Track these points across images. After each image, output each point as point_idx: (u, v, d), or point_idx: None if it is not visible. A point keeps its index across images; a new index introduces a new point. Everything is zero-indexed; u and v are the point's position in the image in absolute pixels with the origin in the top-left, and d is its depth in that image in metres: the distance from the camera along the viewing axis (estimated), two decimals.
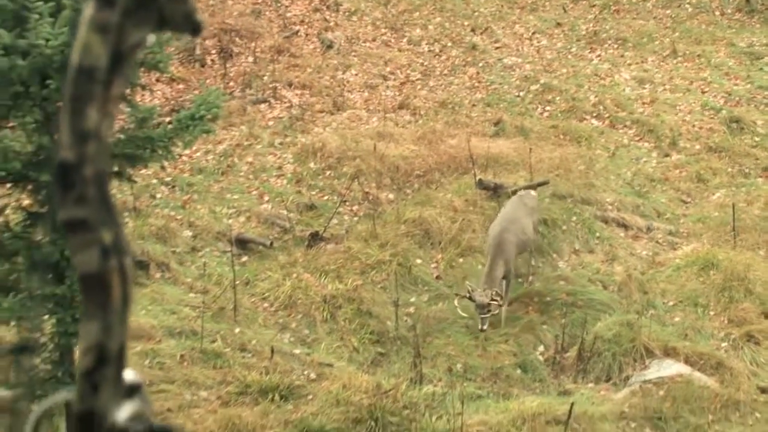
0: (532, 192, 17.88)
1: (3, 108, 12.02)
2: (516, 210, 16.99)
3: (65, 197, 1.50)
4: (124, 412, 1.72)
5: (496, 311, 16.10)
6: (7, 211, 13.63)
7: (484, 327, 15.96)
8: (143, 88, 15.81)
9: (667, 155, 22.91)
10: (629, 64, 26.43)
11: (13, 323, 13.35)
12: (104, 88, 1.63)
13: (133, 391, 1.77)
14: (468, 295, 16.25)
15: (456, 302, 16.82)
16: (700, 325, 17.33)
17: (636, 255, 19.56)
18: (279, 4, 28.23)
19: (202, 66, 25.42)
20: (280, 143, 22.93)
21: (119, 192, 18.94)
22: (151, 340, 16.96)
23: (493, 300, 15.91)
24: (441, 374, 16.21)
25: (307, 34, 27.28)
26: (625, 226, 20.42)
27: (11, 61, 12.05)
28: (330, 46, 26.85)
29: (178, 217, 20.40)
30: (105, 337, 1.60)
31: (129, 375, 1.74)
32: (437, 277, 18.86)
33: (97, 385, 1.63)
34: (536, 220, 16.92)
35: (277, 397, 15.66)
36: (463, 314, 16.37)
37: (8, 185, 13.27)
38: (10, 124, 12.80)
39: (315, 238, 19.60)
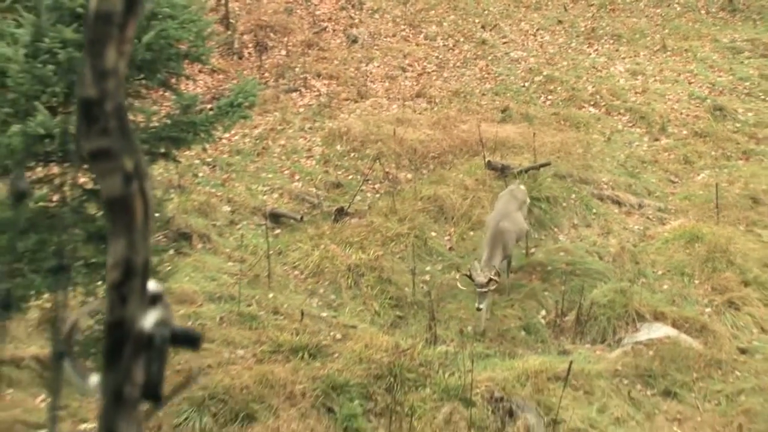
0: (522, 186, 17.78)
1: (63, 95, 11.97)
2: (508, 203, 16.92)
3: (90, 130, 1.49)
4: (149, 319, 1.75)
5: (494, 287, 16.00)
6: (65, 188, 13.60)
7: (481, 305, 15.87)
8: (187, 78, 15.79)
9: (656, 139, 22.84)
10: (623, 58, 26.34)
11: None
12: (120, 30, 1.64)
13: (155, 299, 1.79)
14: (469, 274, 16.19)
15: (458, 278, 16.75)
16: (686, 292, 17.27)
17: (629, 229, 19.51)
18: (309, 3, 28.18)
19: (240, 58, 25.38)
20: (310, 128, 22.90)
21: (165, 171, 18.90)
22: (193, 304, 16.96)
23: (491, 280, 15.81)
24: (453, 335, 16.17)
25: (334, 30, 27.23)
26: (618, 203, 20.36)
27: (68, 54, 12.03)
28: (354, 41, 26.80)
29: (218, 194, 20.38)
30: (131, 253, 1.61)
31: (151, 285, 1.76)
32: (450, 249, 18.83)
33: (125, 297, 1.65)
34: (525, 212, 16.81)
35: (306, 355, 15.64)
36: (463, 287, 16.30)
37: (66, 164, 13.24)
38: (70, 109, 12.79)
39: (340, 213, 19.58)
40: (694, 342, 15.99)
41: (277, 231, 19.27)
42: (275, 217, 19.56)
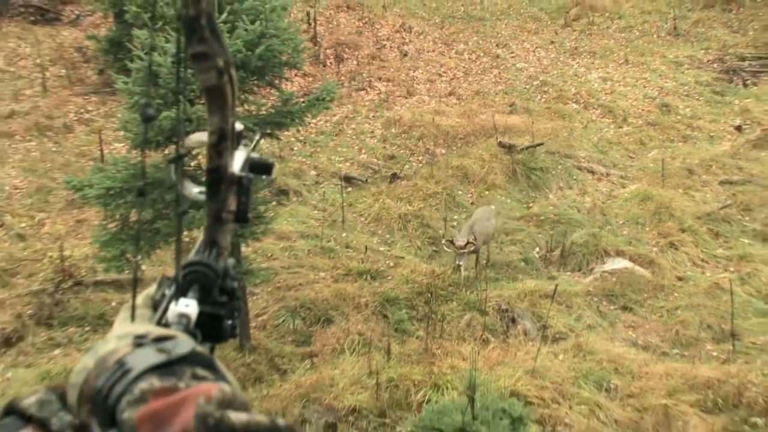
0: (492, 207, 17.52)
1: (199, 90, 12.07)
2: (483, 214, 16.61)
3: (191, 39, 1.53)
4: (237, 164, 1.79)
5: (471, 250, 15.80)
6: (199, 158, 13.65)
7: (460, 263, 15.66)
8: (286, 80, 15.85)
9: (620, 127, 22.68)
10: (597, 68, 26.15)
11: None
12: None
13: (240, 137, 1.84)
14: (451, 239, 16.06)
15: (443, 243, 16.64)
16: (639, 236, 17.18)
17: (599, 191, 19.41)
18: (373, 27, 28.06)
19: (324, 66, 25.33)
20: (372, 116, 22.87)
21: (270, 146, 18.92)
22: (289, 240, 17.03)
23: (468, 243, 15.64)
24: (473, 265, 16.16)
25: (390, 47, 27.13)
26: (592, 172, 20.25)
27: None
28: (405, 55, 26.69)
29: (307, 162, 20.41)
30: (223, 124, 1.68)
31: (238, 125, 1.80)
32: (472, 203, 18.80)
33: (220, 153, 1.71)
34: (494, 223, 16.53)
35: (368, 277, 15.68)
36: (448, 250, 16.21)
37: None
38: (203, 101, 12.84)
39: (394, 176, 19.55)
40: (644, 271, 15.92)
41: (349, 189, 19.30)
42: (347, 179, 19.58)
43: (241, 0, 13.00)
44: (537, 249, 17.33)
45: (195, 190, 1.82)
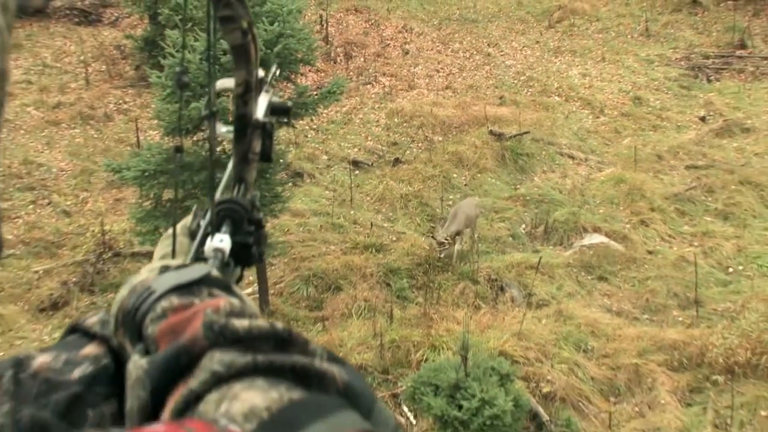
0: (476, 198, 17.30)
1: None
2: (469, 202, 16.38)
3: (218, 5, 1.53)
4: (260, 112, 1.82)
5: (448, 248, 15.61)
6: (224, 144, 13.63)
7: (441, 255, 15.51)
8: (301, 74, 15.80)
9: (597, 117, 22.58)
10: (577, 65, 26.02)
11: None
12: None
13: (261, 83, 1.86)
14: (432, 234, 15.93)
15: (427, 234, 16.42)
16: (614, 214, 17.13)
17: (578, 174, 19.34)
18: (378, 28, 27.93)
19: (334, 63, 25.22)
20: (377, 107, 22.78)
21: (287, 133, 18.87)
22: (303, 217, 17.00)
23: (445, 240, 15.44)
24: (466, 239, 16.11)
25: (394, 46, 27.01)
26: (572, 158, 20.17)
27: (228, 59, 12.09)
28: (407, 53, 26.55)
29: (320, 148, 20.34)
30: (248, 76, 1.69)
31: (260, 72, 1.79)
32: (465, 185, 18.75)
33: (246, 102, 1.74)
34: (477, 211, 16.29)
35: (373, 250, 15.65)
36: (428, 245, 16.04)
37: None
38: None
39: (396, 161, 19.50)
40: (618, 246, 15.88)
41: (356, 172, 19.24)
42: (355, 163, 19.52)
43: (261, 3, 12.99)
44: (523, 225, 17.29)
45: (223, 130, 1.83)
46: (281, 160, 14.87)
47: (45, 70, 24.00)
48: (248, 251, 1.73)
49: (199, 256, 1.65)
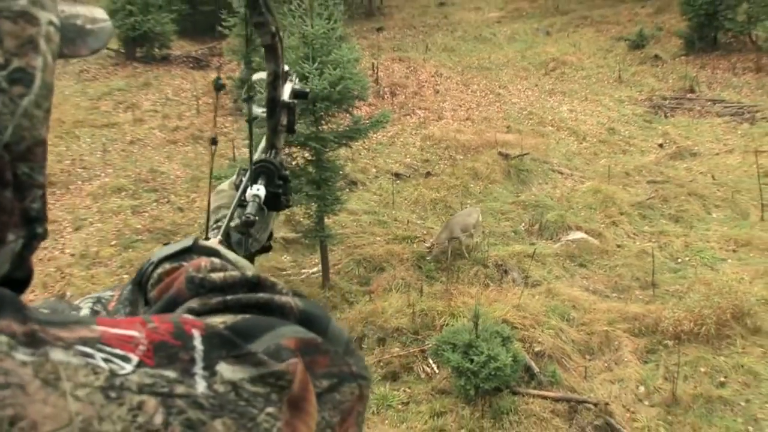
0: (477, 208, 16.69)
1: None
2: (464, 212, 15.90)
3: (252, 13, 1.55)
4: (286, 95, 1.81)
5: (434, 251, 15.02)
6: (298, 159, 13.69)
7: (429, 257, 15.00)
8: (357, 108, 15.78)
9: (581, 143, 22.28)
10: (566, 103, 25.70)
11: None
12: None
13: (287, 75, 1.84)
14: (423, 240, 15.49)
15: (425, 241, 15.86)
16: (592, 217, 16.89)
17: (566, 186, 19.08)
18: (416, 73, 27.79)
19: (382, 99, 25.14)
20: (414, 133, 22.64)
21: (346, 152, 18.90)
22: (356, 215, 16.96)
23: (432, 244, 14.86)
24: (478, 236, 15.95)
25: (427, 87, 26.86)
26: (561, 173, 19.90)
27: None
28: (437, 92, 26.40)
29: (370, 163, 20.28)
30: (276, 68, 1.68)
31: (286, 66, 1.79)
32: (479, 192, 18.59)
33: (275, 87, 1.71)
34: (475, 218, 15.69)
35: (409, 241, 15.57)
36: (428, 246, 15.50)
37: (298, 147, 13.31)
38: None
39: (428, 174, 19.38)
40: (595, 241, 15.66)
41: (397, 181, 19.15)
42: (396, 175, 19.44)
43: (327, 53, 13.00)
44: (523, 224, 17.11)
45: (259, 110, 1.85)
46: (341, 172, 14.87)
47: (167, 102, 24.34)
48: (278, 199, 1.80)
49: (242, 202, 1.73)
